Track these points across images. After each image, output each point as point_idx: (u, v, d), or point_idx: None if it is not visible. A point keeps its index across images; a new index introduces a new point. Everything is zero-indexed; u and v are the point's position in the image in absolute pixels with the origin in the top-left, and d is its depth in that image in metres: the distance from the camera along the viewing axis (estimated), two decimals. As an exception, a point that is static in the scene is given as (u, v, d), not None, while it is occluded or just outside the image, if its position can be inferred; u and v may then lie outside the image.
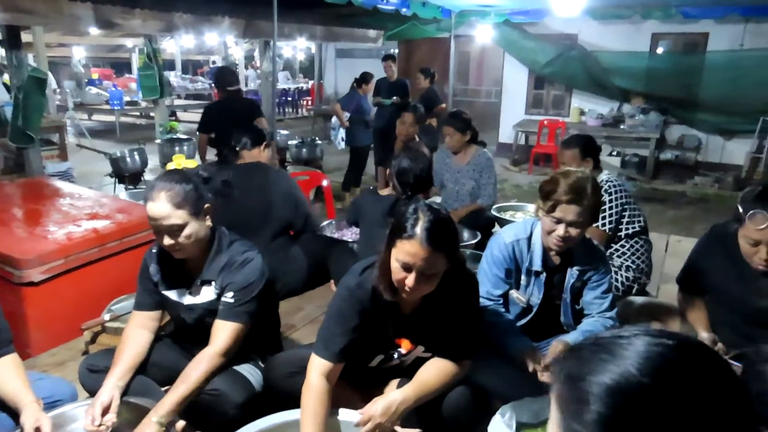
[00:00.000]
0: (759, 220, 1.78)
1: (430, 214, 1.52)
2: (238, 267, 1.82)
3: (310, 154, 7.01)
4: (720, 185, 7.51)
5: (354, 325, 1.66)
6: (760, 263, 1.85)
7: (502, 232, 2.04)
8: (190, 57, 19.51)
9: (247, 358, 1.90)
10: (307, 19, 6.42)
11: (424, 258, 1.48)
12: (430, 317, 1.70)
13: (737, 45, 7.47)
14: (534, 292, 1.98)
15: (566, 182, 1.82)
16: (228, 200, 2.68)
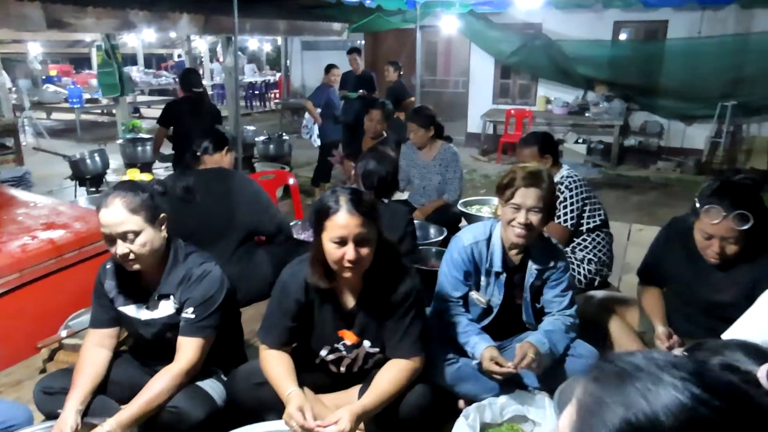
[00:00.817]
0: (713, 215, 1.82)
1: (347, 189, 1.66)
2: (196, 280, 1.79)
3: (277, 151, 6.92)
4: (682, 169, 7.71)
5: (291, 315, 1.75)
6: (713, 257, 1.90)
7: (461, 234, 2.05)
8: (153, 51, 19.02)
9: (209, 372, 1.87)
10: (269, 13, 6.31)
11: (357, 224, 1.59)
12: (370, 309, 1.75)
13: (695, 32, 7.64)
14: (495, 293, 1.99)
15: (523, 170, 1.88)
16: (190, 206, 2.65)
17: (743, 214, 1.78)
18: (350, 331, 1.79)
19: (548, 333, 1.90)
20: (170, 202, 2.64)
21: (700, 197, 1.90)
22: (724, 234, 1.83)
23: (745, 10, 7.25)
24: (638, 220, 5.40)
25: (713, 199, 1.83)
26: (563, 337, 1.93)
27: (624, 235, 3.82)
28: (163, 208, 1.80)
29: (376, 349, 1.82)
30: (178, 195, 2.62)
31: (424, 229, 3.44)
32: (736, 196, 1.82)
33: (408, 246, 2.35)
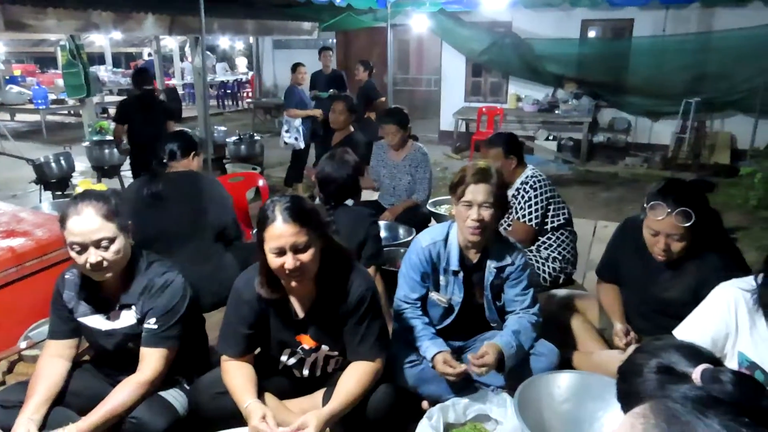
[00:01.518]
0: (658, 212, 1.88)
1: (285, 198, 1.66)
2: (159, 290, 1.78)
3: (249, 151, 6.87)
4: (649, 165, 7.88)
5: (248, 323, 1.76)
6: (659, 254, 1.95)
7: (420, 236, 2.08)
8: (122, 49, 18.65)
9: (172, 381, 1.86)
10: (237, 13, 6.25)
11: (292, 233, 1.59)
12: (324, 314, 1.77)
13: (660, 31, 7.81)
14: (455, 292, 2.03)
15: (472, 168, 1.93)
16: (157, 211, 2.62)
17: (686, 212, 1.84)
18: (307, 336, 1.80)
19: (516, 334, 1.93)
20: (135, 207, 2.66)
21: (648, 195, 1.95)
22: (669, 231, 1.88)
23: (706, 9, 7.45)
24: (606, 216, 5.52)
25: (659, 196, 1.89)
26: (530, 338, 1.97)
27: (589, 232, 3.91)
28: (127, 215, 1.78)
29: (335, 353, 1.84)
30: (145, 200, 2.61)
31: (393, 230, 3.46)
32: (680, 194, 1.88)
33: (371, 249, 2.36)
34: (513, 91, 9.09)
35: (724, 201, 5.97)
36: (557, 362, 1.98)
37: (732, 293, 1.61)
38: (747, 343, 1.58)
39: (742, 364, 1.59)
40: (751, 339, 1.58)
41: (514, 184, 2.90)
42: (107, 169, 6.30)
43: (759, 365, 1.56)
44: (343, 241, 2.28)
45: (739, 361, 1.60)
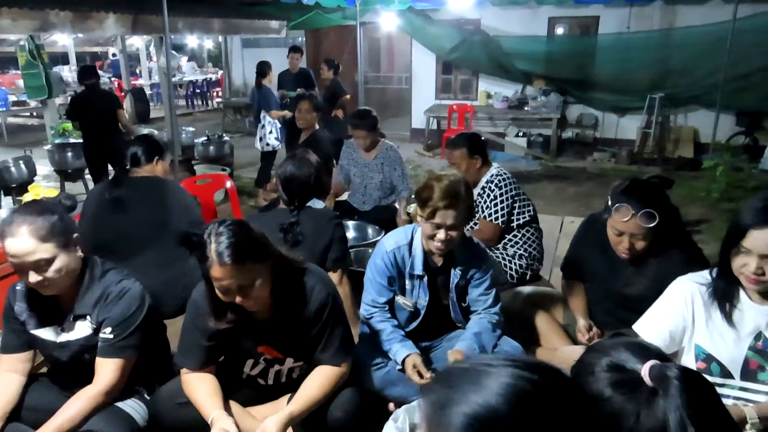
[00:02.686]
0: (623, 212, 1.91)
1: (221, 232, 1.55)
2: (114, 299, 1.73)
3: (218, 152, 6.76)
4: (616, 160, 8.03)
5: (207, 335, 1.71)
6: (624, 252, 1.99)
7: (384, 241, 2.08)
8: (87, 49, 18.19)
9: (131, 392, 1.81)
10: (202, 11, 6.14)
11: (231, 275, 1.53)
12: (285, 324, 1.74)
13: (624, 28, 7.95)
14: (420, 295, 2.03)
15: (440, 188, 1.88)
16: (119, 215, 2.56)
17: (650, 213, 1.88)
18: (269, 346, 1.78)
19: (477, 336, 1.94)
20: (96, 211, 2.60)
21: (612, 196, 1.98)
22: (633, 231, 1.92)
23: (669, 6, 7.62)
24: (575, 210, 5.61)
25: (623, 197, 1.92)
26: (491, 337, 1.98)
27: (556, 227, 3.96)
28: (73, 226, 1.72)
29: (300, 363, 1.82)
30: (107, 205, 2.54)
31: (362, 230, 3.45)
32: (643, 195, 1.91)
33: (337, 252, 2.34)
34: (483, 89, 9.15)
35: (687, 194, 6.12)
36: (521, 359, 2.00)
37: (688, 287, 1.65)
38: (703, 335, 1.62)
39: (699, 356, 1.63)
40: (707, 332, 1.61)
41: (479, 183, 2.92)
42: (71, 172, 6.13)
43: (715, 357, 1.60)
44: (308, 244, 2.28)
45: (696, 353, 1.63)
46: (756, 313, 1.55)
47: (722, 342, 1.59)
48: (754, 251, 1.43)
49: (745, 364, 1.57)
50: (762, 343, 1.55)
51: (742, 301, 1.56)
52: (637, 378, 0.91)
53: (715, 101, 6.83)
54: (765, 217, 1.41)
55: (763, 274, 1.44)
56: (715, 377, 1.60)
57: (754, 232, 1.42)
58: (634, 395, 0.90)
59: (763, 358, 1.55)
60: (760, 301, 1.55)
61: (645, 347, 0.97)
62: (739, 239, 1.45)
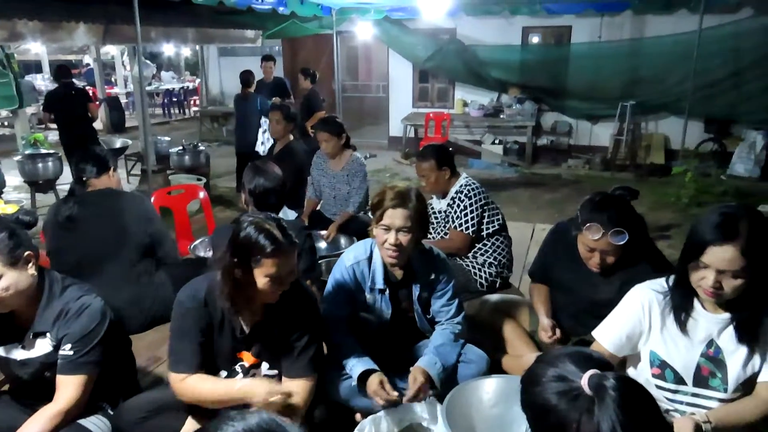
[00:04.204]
0: (594, 231, 1.95)
1: (270, 221, 1.66)
2: (74, 315, 1.71)
3: (194, 161, 6.69)
4: (590, 166, 8.16)
5: (197, 334, 1.73)
6: (595, 266, 2.04)
7: (344, 255, 2.09)
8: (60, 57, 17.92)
9: (95, 408, 1.79)
10: (176, 21, 6.10)
11: (291, 260, 1.65)
12: (269, 331, 1.76)
13: (596, 37, 8.11)
14: (383, 309, 2.04)
15: (392, 191, 1.93)
16: (76, 233, 2.54)
17: (620, 231, 1.93)
18: (248, 353, 1.79)
19: (438, 348, 1.96)
20: (53, 233, 2.57)
21: (582, 210, 2.02)
22: (604, 248, 1.97)
23: (638, 16, 7.80)
24: (549, 216, 5.69)
25: (594, 214, 1.96)
26: (453, 348, 2.00)
27: (528, 235, 4.02)
28: (27, 243, 1.69)
29: (274, 371, 1.82)
30: (61, 224, 2.52)
31: (334, 240, 3.46)
32: (613, 213, 1.96)
33: (306, 263, 2.35)
34: (459, 97, 9.24)
35: (658, 199, 6.25)
36: (486, 368, 2.03)
37: (646, 294, 1.69)
38: (658, 342, 1.66)
39: (654, 362, 1.67)
40: (662, 338, 1.66)
41: (449, 194, 2.95)
42: (42, 183, 6.03)
43: (669, 363, 1.64)
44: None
45: (651, 359, 1.68)
46: (709, 322, 1.60)
47: (676, 349, 1.63)
48: (712, 266, 1.46)
49: (698, 370, 1.61)
50: (713, 350, 1.60)
51: (697, 310, 1.61)
52: (578, 387, 0.94)
53: (684, 109, 7.00)
54: (723, 233, 1.43)
55: (721, 287, 1.47)
56: (669, 383, 1.65)
57: (713, 249, 1.45)
58: (576, 404, 0.93)
59: (714, 364, 1.60)
60: (714, 310, 1.59)
61: (588, 357, 1.00)
62: (698, 255, 1.48)
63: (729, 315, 1.57)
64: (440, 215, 3.06)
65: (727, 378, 1.58)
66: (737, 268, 1.43)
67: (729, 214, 1.46)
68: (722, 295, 1.50)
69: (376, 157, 8.93)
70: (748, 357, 1.57)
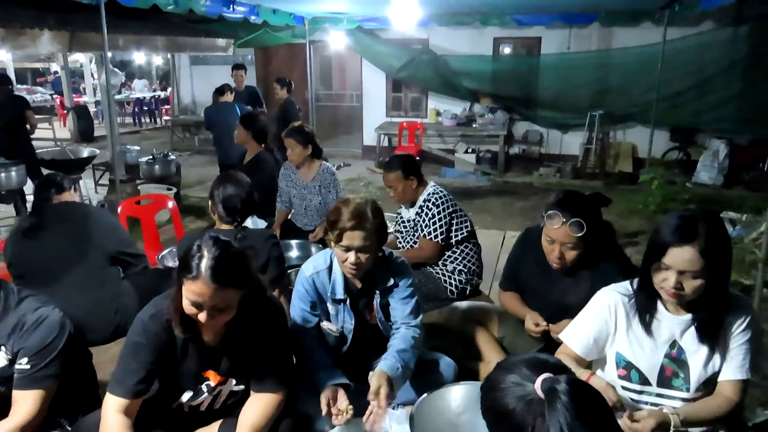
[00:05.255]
0: (554, 221, 1.99)
1: (215, 249, 1.53)
2: (30, 328, 1.65)
3: (164, 171, 6.57)
4: (561, 174, 8.29)
5: (151, 359, 1.62)
6: (555, 261, 2.06)
7: (304, 266, 2.06)
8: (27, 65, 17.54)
9: (53, 424, 1.73)
10: (144, 29, 6.02)
11: (212, 296, 1.50)
12: (236, 347, 1.71)
13: (565, 48, 8.29)
14: (345, 319, 2.02)
15: (347, 210, 1.88)
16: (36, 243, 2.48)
17: (579, 222, 1.96)
18: (215, 372, 1.73)
19: (401, 353, 1.94)
20: (14, 244, 2.51)
21: (547, 205, 2.06)
22: (563, 239, 2.00)
23: (605, 27, 7.99)
24: (521, 224, 5.74)
25: (556, 207, 2.00)
26: (413, 353, 1.99)
27: (498, 242, 4.06)
28: None
29: (241, 387, 1.78)
30: (22, 234, 2.48)
31: (306, 249, 3.43)
32: (574, 206, 2.00)
33: (274, 272, 2.32)
34: (432, 106, 9.32)
35: (627, 207, 6.38)
36: (455, 375, 2.02)
37: (612, 297, 1.72)
38: (624, 343, 1.69)
39: (620, 363, 1.69)
40: (628, 340, 1.68)
41: (417, 203, 2.96)
42: (4, 194, 5.85)
43: (634, 365, 1.67)
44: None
45: (617, 360, 1.70)
46: (672, 323, 1.62)
47: (641, 350, 1.66)
48: (673, 267, 1.49)
49: (662, 371, 1.64)
50: (676, 351, 1.63)
51: (660, 312, 1.64)
52: (532, 391, 0.95)
53: (651, 118, 7.19)
54: (682, 235, 1.47)
55: (682, 288, 1.51)
56: (634, 384, 1.67)
57: (673, 250, 1.48)
58: (531, 408, 0.94)
59: (677, 365, 1.63)
60: (676, 311, 1.62)
61: (544, 362, 1.02)
62: (660, 256, 1.51)
63: (691, 316, 1.60)
64: (409, 224, 3.06)
65: (689, 378, 1.61)
66: (697, 268, 1.46)
67: (688, 217, 1.50)
68: (683, 296, 1.53)
69: (350, 166, 8.93)
70: (709, 357, 1.60)
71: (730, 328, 1.59)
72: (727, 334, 1.59)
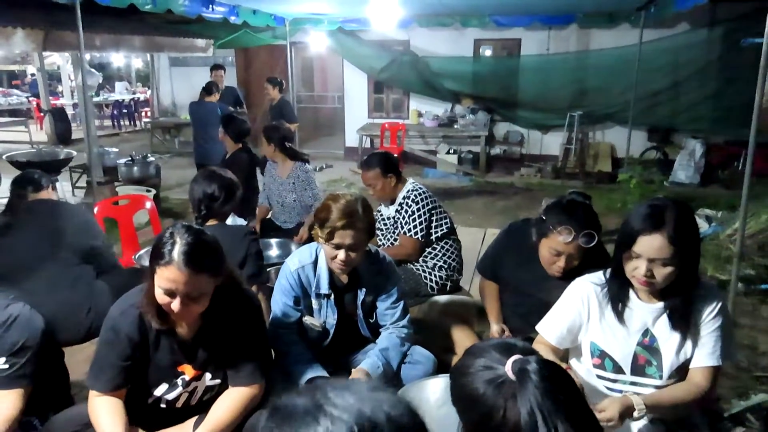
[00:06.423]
0: (565, 234, 1.94)
1: (188, 235, 1.53)
2: (3, 327, 1.62)
3: (142, 173, 6.49)
4: (541, 174, 8.37)
5: (124, 355, 1.63)
6: (558, 271, 2.03)
7: (289, 260, 2.06)
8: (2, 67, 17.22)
9: (22, 423, 1.69)
10: (122, 28, 5.94)
11: (186, 282, 1.49)
12: (211, 340, 1.70)
13: (544, 50, 8.38)
14: (328, 314, 2.02)
15: (338, 208, 1.87)
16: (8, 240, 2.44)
17: (591, 234, 1.94)
18: (190, 366, 1.72)
19: (384, 351, 1.94)
20: None
21: (549, 214, 2.01)
22: (572, 251, 1.98)
23: (583, 29, 8.10)
24: (502, 222, 5.74)
25: (563, 217, 1.96)
26: (398, 352, 1.99)
27: (479, 239, 4.08)
28: None
29: (217, 381, 1.77)
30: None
31: (286, 247, 3.42)
32: (582, 216, 1.98)
33: (252, 268, 2.30)
34: (414, 107, 9.35)
35: (606, 205, 6.46)
36: (433, 369, 2.02)
37: (585, 287, 1.74)
38: (597, 333, 1.70)
39: (594, 353, 1.71)
40: (601, 329, 1.70)
41: (396, 200, 2.96)
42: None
43: (608, 353, 1.68)
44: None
45: (591, 350, 1.71)
46: (644, 311, 1.64)
47: (614, 339, 1.67)
48: (643, 255, 1.51)
49: (635, 359, 1.66)
50: (649, 339, 1.65)
51: (632, 300, 1.66)
52: (503, 374, 0.95)
53: (628, 118, 7.30)
54: (651, 223, 1.49)
55: (653, 276, 1.52)
56: (608, 372, 1.69)
57: (643, 238, 1.50)
58: (501, 390, 0.94)
59: (649, 353, 1.65)
60: (648, 299, 1.64)
61: (512, 345, 1.02)
62: (630, 245, 1.53)
63: (662, 304, 1.62)
64: (389, 222, 3.06)
65: (662, 365, 1.63)
66: (666, 256, 1.48)
67: (656, 206, 1.53)
68: (654, 284, 1.55)
69: (332, 167, 8.91)
70: (681, 344, 1.62)
71: (700, 316, 1.61)
72: (698, 322, 1.62)
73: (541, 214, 2.06)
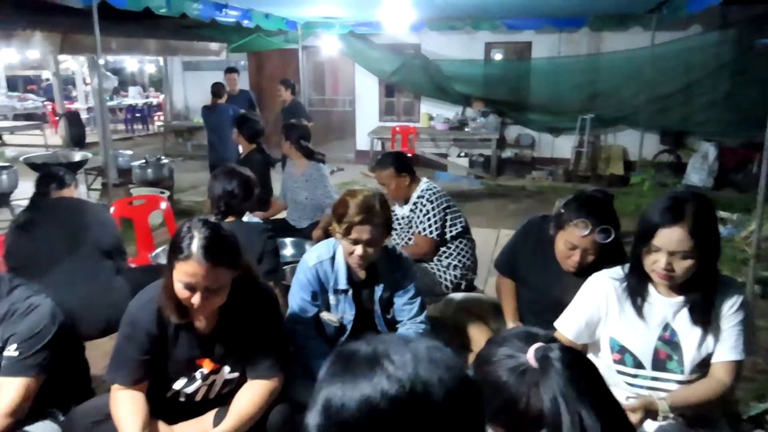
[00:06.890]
0: (582, 228, 1.93)
1: (205, 229, 1.55)
2: (20, 315, 1.65)
3: (156, 175, 6.57)
4: (553, 178, 8.34)
5: (143, 349, 1.65)
6: (573, 266, 2.02)
7: (306, 256, 2.07)
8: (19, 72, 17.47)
9: (44, 414, 1.72)
10: (137, 32, 6.02)
11: (205, 275, 1.51)
12: (229, 334, 1.71)
13: (555, 53, 8.36)
14: (346, 310, 2.02)
15: (355, 203, 1.88)
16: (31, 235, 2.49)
17: (607, 229, 1.93)
18: (208, 359, 1.73)
19: None
20: (12, 232, 2.53)
21: (567, 209, 2.01)
22: (588, 246, 1.96)
23: (595, 32, 8.07)
24: (515, 224, 5.70)
25: (581, 212, 1.95)
26: None
27: (493, 240, 4.08)
28: None
29: (236, 374, 1.78)
30: (19, 226, 2.50)
31: (300, 246, 3.44)
32: (600, 211, 1.97)
33: (269, 265, 2.32)
34: (425, 110, 9.36)
35: (619, 208, 6.33)
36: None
37: (603, 282, 1.73)
38: (617, 328, 1.69)
39: (614, 348, 1.70)
40: (620, 324, 1.69)
41: (411, 199, 2.97)
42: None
43: (628, 348, 1.67)
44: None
45: (611, 345, 1.70)
46: (663, 306, 1.63)
47: (634, 334, 1.67)
48: (663, 249, 1.50)
49: (655, 354, 1.64)
50: (669, 334, 1.64)
51: (651, 295, 1.65)
52: (525, 362, 0.96)
53: (640, 121, 7.26)
54: (671, 215, 1.49)
55: (673, 269, 1.52)
56: (629, 367, 1.68)
57: (662, 231, 1.50)
58: (524, 378, 0.94)
59: (670, 347, 1.64)
60: (667, 294, 1.64)
61: (533, 334, 1.02)
62: (649, 238, 1.52)
63: (683, 298, 1.61)
64: (403, 221, 3.06)
65: (683, 360, 1.62)
66: (686, 248, 1.48)
67: (676, 198, 1.52)
68: (674, 278, 1.54)
69: (343, 170, 8.94)
70: (702, 338, 1.61)
71: (722, 310, 1.60)
72: (719, 316, 1.60)
73: (560, 208, 2.06)
